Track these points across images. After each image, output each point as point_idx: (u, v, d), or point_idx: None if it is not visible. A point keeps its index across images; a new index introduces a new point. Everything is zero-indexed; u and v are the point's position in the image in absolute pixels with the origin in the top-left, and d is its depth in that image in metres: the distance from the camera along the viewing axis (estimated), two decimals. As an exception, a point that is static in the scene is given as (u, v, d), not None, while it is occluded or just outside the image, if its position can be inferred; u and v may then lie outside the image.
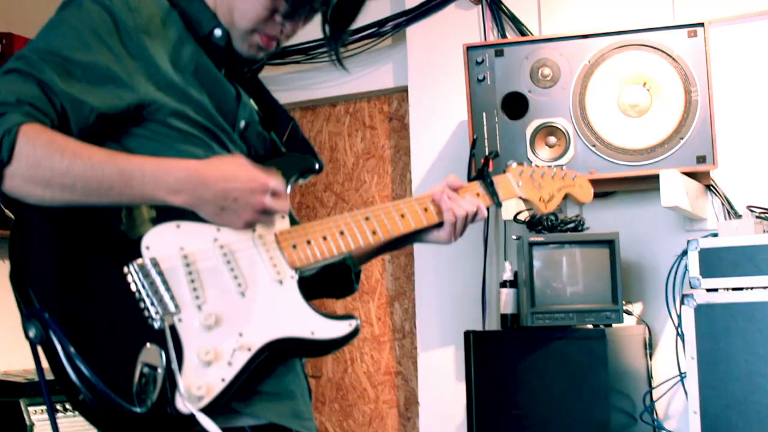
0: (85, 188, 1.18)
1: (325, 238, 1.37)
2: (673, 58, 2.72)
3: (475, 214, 1.52)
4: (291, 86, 3.69)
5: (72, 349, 1.15)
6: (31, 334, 1.17)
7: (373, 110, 3.69)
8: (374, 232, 1.43)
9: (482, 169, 1.61)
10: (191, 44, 1.38)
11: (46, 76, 1.21)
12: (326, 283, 1.55)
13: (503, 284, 2.83)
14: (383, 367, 3.57)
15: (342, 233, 1.39)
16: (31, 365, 2.73)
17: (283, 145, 1.51)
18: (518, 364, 2.64)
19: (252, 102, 1.48)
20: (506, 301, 2.80)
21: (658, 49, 2.73)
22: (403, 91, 3.53)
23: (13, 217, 3.00)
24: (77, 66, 1.24)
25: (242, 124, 1.43)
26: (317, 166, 1.45)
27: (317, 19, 1.44)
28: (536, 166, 1.72)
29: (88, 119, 1.24)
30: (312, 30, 1.50)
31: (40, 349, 1.19)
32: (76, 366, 1.15)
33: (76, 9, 1.29)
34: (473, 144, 2.86)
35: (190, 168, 1.23)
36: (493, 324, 3.13)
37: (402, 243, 1.57)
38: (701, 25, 2.71)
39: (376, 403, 3.57)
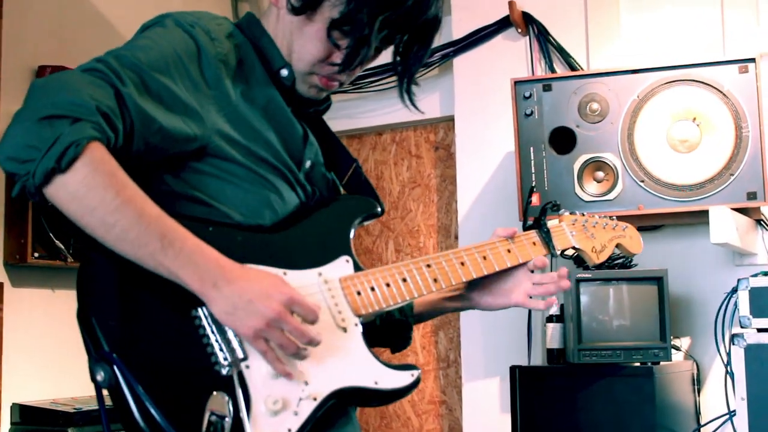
0: (122, 234, 1.14)
1: (388, 285, 1.34)
2: (724, 94, 2.70)
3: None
4: (337, 115, 3.72)
5: (143, 394, 1.13)
6: (99, 377, 1.14)
7: (420, 139, 3.72)
8: (435, 280, 1.41)
9: (539, 219, 1.61)
10: (264, 79, 1.37)
11: (124, 88, 1.18)
12: (385, 335, 1.53)
13: (549, 319, 2.82)
14: (428, 396, 3.57)
15: (405, 280, 1.37)
16: (79, 394, 2.79)
17: (344, 186, 1.49)
18: (565, 400, 2.62)
19: (316, 142, 1.47)
20: (552, 335, 2.79)
21: (709, 85, 2.71)
22: (450, 120, 3.55)
23: (63, 248, 3.03)
24: (155, 84, 1.22)
25: (308, 164, 1.41)
26: (379, 209, 1.44)
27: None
28: (588, 215, 1.70)
29: (154, 138, 1.22)
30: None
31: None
32: (146, 411, 1.13)
33: (161, 30, 1.29)
34: (530, 192, 2.80)
35: (221, 261, 1.19)
36: (538, 358, 3.12)
37: (453, 309, 1.59)
38: (752, 60, 2.68)
39: None
